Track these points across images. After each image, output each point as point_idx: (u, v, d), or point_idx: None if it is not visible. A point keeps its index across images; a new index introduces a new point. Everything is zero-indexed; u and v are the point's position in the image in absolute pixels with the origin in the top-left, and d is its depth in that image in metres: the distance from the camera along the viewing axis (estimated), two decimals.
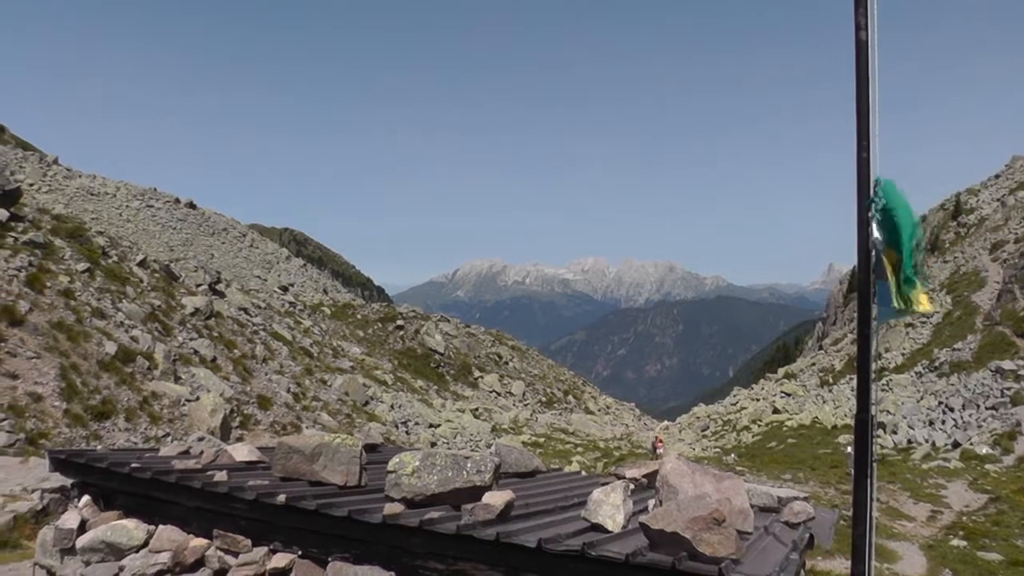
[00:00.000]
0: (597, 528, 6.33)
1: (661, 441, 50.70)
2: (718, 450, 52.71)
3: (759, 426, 60.19)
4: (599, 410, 78.48)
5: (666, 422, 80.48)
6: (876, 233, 5.57)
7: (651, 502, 7.02)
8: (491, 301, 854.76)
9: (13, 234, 33.40)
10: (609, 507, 6.43)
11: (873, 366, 6.02)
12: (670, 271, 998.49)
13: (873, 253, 5.63)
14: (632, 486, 7.50)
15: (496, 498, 6.40)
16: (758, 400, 72.48)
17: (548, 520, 6.87)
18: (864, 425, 5.82)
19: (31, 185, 74.24)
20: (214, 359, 35.76)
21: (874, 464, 5.80)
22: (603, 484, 8.25)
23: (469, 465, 6.87)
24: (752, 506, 7.24)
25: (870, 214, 5.60)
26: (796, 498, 8.47)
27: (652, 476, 8.75)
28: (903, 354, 70.58)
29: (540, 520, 6.82)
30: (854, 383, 65.21)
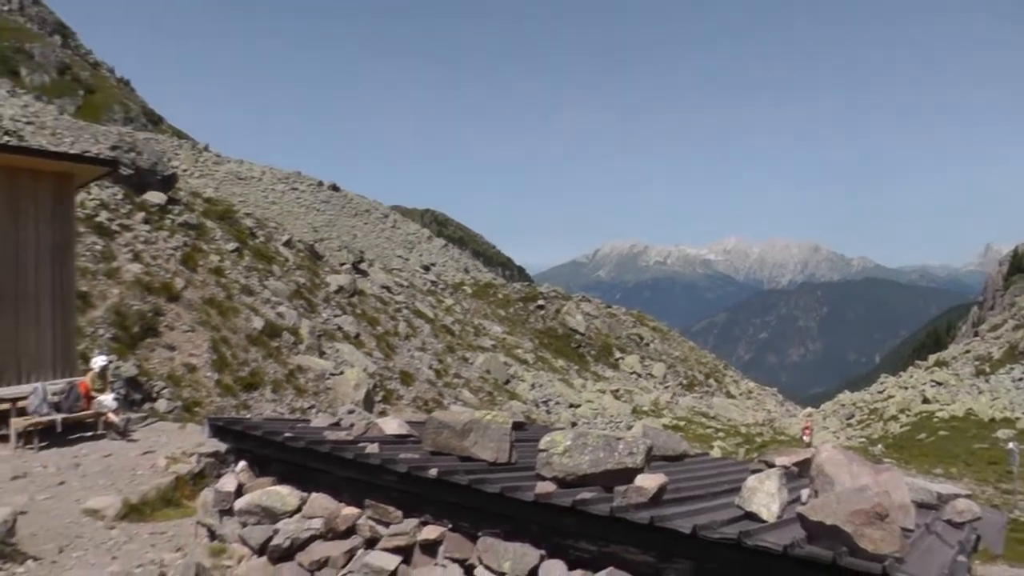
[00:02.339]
0: (751, 517, 6.11)
1: (809, 429, 49.35)
2: (864, 440, 51.12)
3: (907, 416, 57.85)
4: (740, 394, 77.04)
5: (809, 409, 78.32)
6: None
7: (805, 492, 6.75)
8: (632, 282, 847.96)
9: (170, 216, 34.90)
10: (764, 495, 6.21)
11: None
12: (814, 251, 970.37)
13: None
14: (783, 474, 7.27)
15: (649, 481, 6.24)
16: (906, 388, 69.67)
17: (699, 506, 6.68)
18: None
19: (185, 171, 77.10)
20: (357, 335, 36.53)
21: None
22: (753, 471, 8.03)
23: (621, 446, 6.73)
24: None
25: None
26: (958, 495, 8.07)
27: (803, 464, 8.46)
28: None
29: (691, 506, 6.64)
30: (1015, 373, 62.35)
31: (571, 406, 47.97)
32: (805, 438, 45.66)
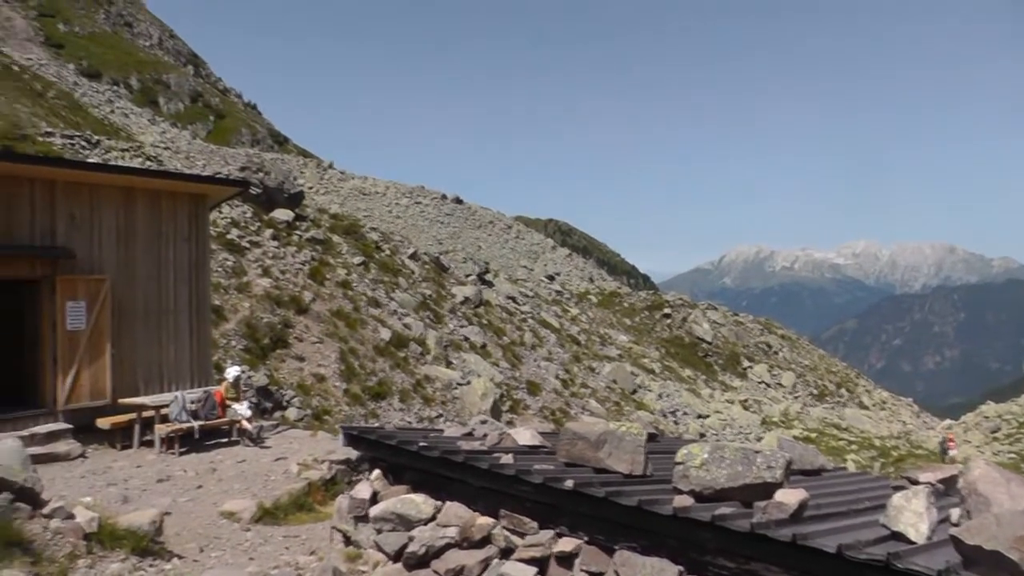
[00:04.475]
0: (898, 537, 5.79)
1: (953, 442, 47.29)
2: (1014, 456, 48.92)
3: None
4: (874, 405, 74.52)
5: (948, 421, 75.01)
6: None
7: (954, 511, 6.37)
8: (758, 288, 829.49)
9: (298, 232, 35.89)
10: (911, 514, 5.90)
11: None
12: (950, 253, 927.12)
13: None
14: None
15: (789, 496, 6.01)
16: None
17: (841, 524, 6.39)
18: None
19: (310, 188, 79.20)
20: (484, 345, 36.76)
21: None
22: (895, 487, 7.71)
23: (759, 460, 6.52)
24: None
25: None
26: None
27: (949, 482, 8.04)
28: None
29: (833, 523, 6.36)
30: None
31: (699, 416, 47.26)
32: (950, 452, 43.80)
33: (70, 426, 15.16)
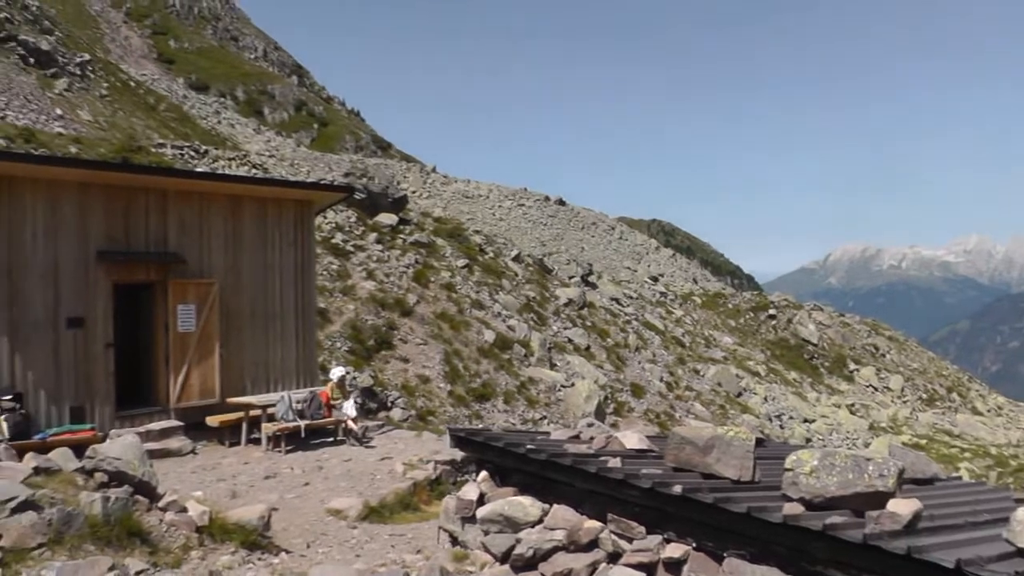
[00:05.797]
0: (1023, 554, 5.58)
1: None
2: None
3: None
4: (988, 411, 71.75)
5: None
6: None
7: None
8: (865, 288, 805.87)
9: (402, 236, 36.39)
10: None
11: None
12: None
13: None
14: None
15: (902, 506, 5.79)
16: None
17: (958, 537, 6.11)
18: None
19: (414, 192, 79.96)
20: (588, 347, 36.64)
21: None
22: (1017, 500, 7.41)
23: (871, 468, 6.31)
24: None
25: None
26: None
27: None
28: None
29: (949, 536, 6.08)
30: None
31: (805, 421, 46.27)
32: None
33: (182, 423, 15.73)
